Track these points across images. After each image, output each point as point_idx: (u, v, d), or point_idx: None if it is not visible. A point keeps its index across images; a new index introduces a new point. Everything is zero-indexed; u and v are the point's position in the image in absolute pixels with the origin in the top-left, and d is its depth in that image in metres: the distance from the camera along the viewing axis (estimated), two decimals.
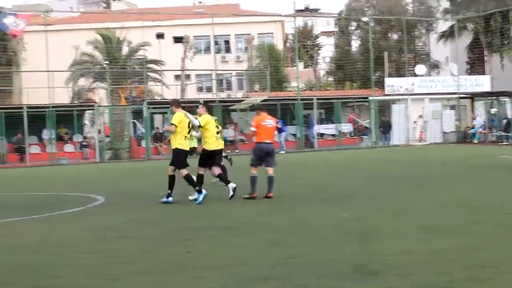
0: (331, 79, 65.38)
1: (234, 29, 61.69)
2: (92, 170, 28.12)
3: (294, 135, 40.56)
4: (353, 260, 7.17)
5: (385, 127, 41.11)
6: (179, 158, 13.59)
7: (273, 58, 54.92)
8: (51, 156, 35.80)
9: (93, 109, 39.74)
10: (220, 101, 40.39)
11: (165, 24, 56.73)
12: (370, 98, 41.62)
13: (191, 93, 53.45)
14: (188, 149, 13.81)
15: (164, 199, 13.50)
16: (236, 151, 37.24)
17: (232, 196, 13.46)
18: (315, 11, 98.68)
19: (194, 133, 14.48)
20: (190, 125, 13.78)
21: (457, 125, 41.80)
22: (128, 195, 15.62)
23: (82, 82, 51.39)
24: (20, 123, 35.78)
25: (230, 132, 39.62)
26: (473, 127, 39.85)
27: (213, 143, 13.94)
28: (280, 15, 64.14)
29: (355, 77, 53.96)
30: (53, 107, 37.10)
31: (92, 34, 51.99)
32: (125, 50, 53.11)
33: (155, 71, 51.20)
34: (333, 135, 41.21)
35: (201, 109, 14.43)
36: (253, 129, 13.74)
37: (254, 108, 14.30)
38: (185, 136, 13.68)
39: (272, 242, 8.47)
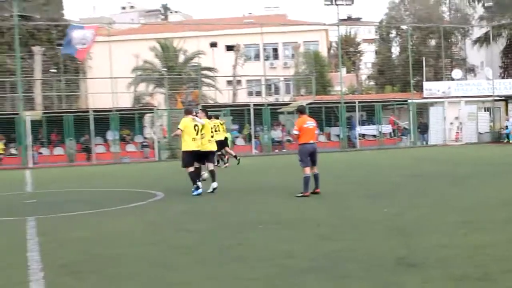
0: (372, 83, 64.86)
1: (282, 38, 61.63)
2: (152, 168, 28.41)
3: (338, 135, 40.36)
4: (394, 253, 7.10)
5: (423, 128, 40.69)
6: (185, 158, 14.59)
7: (318, 64, 54.72)
8: (115, 156, 36.35)
9: (152, 112, 40.18)
10: (268, 104, 40.41)
11: (218, 34, 56.97)
12: (409, 101, 41.20)
13: (242, 97, 53.60)
14: (194, 149, 14.56)
15: (195, 192, 14.33)
16: (284, 150, 37.21)
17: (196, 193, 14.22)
18: (357, 20, 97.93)
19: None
20: (197, 128, 14.65)
21: (491, 126, 41.06)
22: (185, 190, 15.69)
23: (143, 87, 52.03)
24: (86, 125, 36.42)
25: (277, 133, 39.64)
26: (506, 128, 39.07)
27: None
28: (324, 24, 63.81)
29: (395, 81, 53.41)
30: (116, 110, 37.66)
31: (151, 43, 52.58)
32: (181, 58, 53.59)
33: (209, 77, 51.53)
34: (374, 136, 40.88)
35: (200, 114, 15.51)
36: (296, 132, 13.68)
37: (297, 111, 14.22)
38: (193, 138, 14.56)
39: (319, 236, 8.44)
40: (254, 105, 39.77)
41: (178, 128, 14.65)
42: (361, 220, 9.74)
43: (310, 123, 13.72)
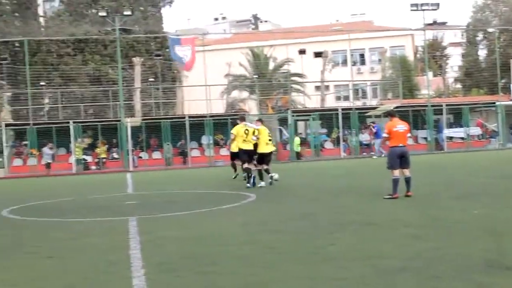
0: (459, 86, 62.94)
1: (368, 43, 60.87)
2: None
3: (425, 138, 39.40)
4: (485, 254, 6.80)
5: None
6: (241, 155, 17.74)
7: (405, 68, 53.64)
8: (209, 159, 36.89)
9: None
10: (356, 109, 39.95)
11: (306, 41, 56.88)
12: (497, 103, 39.68)
13: (330, 102, 53.24)
14: (247, 148, 17.53)
15: (261, 184, 17.13)
16: (372, 153, 36.65)
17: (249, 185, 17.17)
18: (442, 24, 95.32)
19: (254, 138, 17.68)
20: (247, 132, 17.55)
21: None
22: (280, 192, 15.71)
23: (235, 94, 52.59)
24: (182, 130, 37.16)
25: (365, 136, 39.11)
26: None
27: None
28: (410, 29, 62.52)
29: (482, 83, 51.62)
30: (210, 116, 38.24)
31: (243, 52, 53.09)
32: (271, 65, 53.82)
33: (298, 83, 51.48)
34: (462, 138, 39.62)
35: (256, 123, 18.08)
36: (385, 135, 13.41)
37: (387, 114, 13.99)
38: (244, 140, 17.60)
39: (410, 237, 8.21)
40: (342, 109, 39.40)
41: (231, 133, 18.27)
42: (451, 221, 9.42)
43: (401, 126, 13.39)
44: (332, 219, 10.35)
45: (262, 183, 17.31)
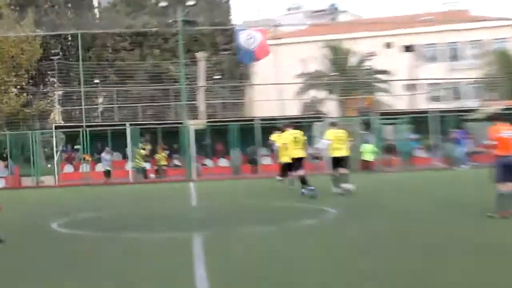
0: None
1: (465, 36, 59.44)
2: (322, 182, 28.32)
3: None
4: None
5: None
6: (296, 163, 19.46)
7: (508, 64, 52.09)
8: None
9: (322, 121, 40.20)
10: (452, 111, 39.05)
11: (392, 33, 56.12)
12: None
13: (421, 103, 52.24)
14: (299, 156, 19.43)
15: (305, 191, 18.73)
16: (474, 163, 35.63)
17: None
18: None
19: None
20: (296, 139, 19.57)
21: None
22: (365, 207, 15.41)
23: (311, 93, 52.38)
24: (252, 134, 37.20)
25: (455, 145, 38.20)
26: None
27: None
28: None
29: None
30: (283, 119, 38.07)
31: (320, 46, 52.81)
32: (352, 61, 53.34)
33: (383, 81, 50.79)
34: None
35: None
36: (492, 142, 12.77)
37: (491, 118, 13.40)
38: (295, 148, 19.41)
39: None
40: (436, 111, 38.58)
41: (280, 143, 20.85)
42: None
43: (508, 132, 12.76)
44: (428, 240, 10.00)
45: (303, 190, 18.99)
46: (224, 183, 31.72)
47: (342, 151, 19.52)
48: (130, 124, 38.12)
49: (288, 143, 19.94)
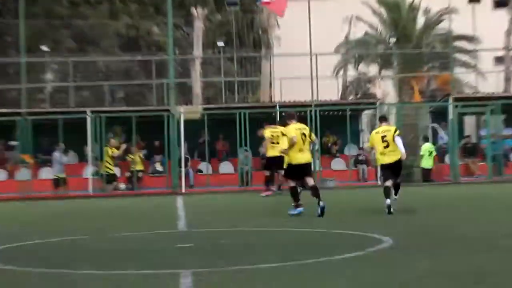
0: None
1: None
2: (372, 198, 28.28)
3: None
4: None
5: None
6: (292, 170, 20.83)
7: None
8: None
9: (373, 108, 40.13)
10: None
11: None
12: None
13: None
14: (308, 161, 20.91)
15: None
16: None
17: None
18: None
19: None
20: (304, 138, 20.61)
21: None
22: (428, 235, 15.34)
23: (358, 69, 52.28)
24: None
25: None
26: None
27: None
28: None
29: None
30: (316, 105, 38.05)
31: (371, 1, 52.70)
32: (420, 22, 53.18)
33: (466, 51, 50.62)
34: None
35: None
36: None
37: None
38: (300, 148, 20.45)
39: None
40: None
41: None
42: None
43: None
44: None
45: (294, 211, 20.62)
46: (227, 197, 31.78)
47: (390, 157, 20.70)
48: (93, 112, 38.18)
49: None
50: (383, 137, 20.69)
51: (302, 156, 20.46)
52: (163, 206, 28.10)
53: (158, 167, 38.54)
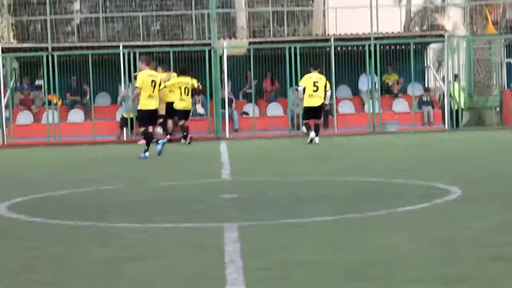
0: None
1: None
2: (440, 143, 28.30)
3: None
4: None
5: None
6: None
7: None
8: (372, 118, 36.67)
9: (441, 41, 39.84)
10: None
11: None
12: None
13: None
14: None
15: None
16: None
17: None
18: None
19: None
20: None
21: None
22: (501, 186, 15.30)
23: None
24: (322, 64, 37.11)
25: None
26: None
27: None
28: None
29: None
30: (375, 38, 37.88)
31: None
32: None
33: None
34: None
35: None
36: None
37: None
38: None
39: None
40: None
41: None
42: None
43: None
44: None
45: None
46: (275, 142, 31.82)
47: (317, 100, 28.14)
48: (125, 47, 38.27)
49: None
50: (315, 82, 27.39)
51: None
52: (205, 152, 28.23)
53: (199, 109, 38.57)
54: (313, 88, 29.03)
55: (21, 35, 48.31)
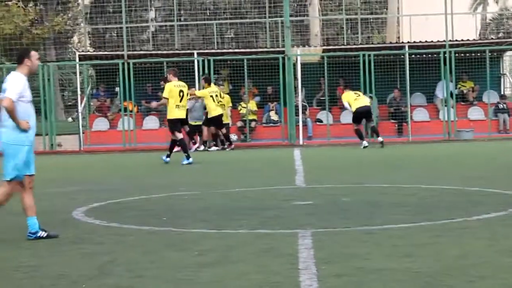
0: None
1: None
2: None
3: None
4: None
5: None
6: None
7: None
8: (446, 127, 36.47)
9: None
10: None
11: None
12: None
13: None
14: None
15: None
16: None
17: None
18: None
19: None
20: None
21: None
22: None
23: (499, 4, 51.44)
24: (397, 72, 37.01)
25: None
26: None
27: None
28: None
29: None
30: (450, 46, 37.63)
31: None
32: None
33: None
34: None
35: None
36: None
37: None
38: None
39: None
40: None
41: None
42: None
43: None
44: None
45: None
46: (349, 150, 31.78)
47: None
48: (200, 54, 38.40)
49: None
50: (355, 93, 28.80)
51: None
52: (279, 159, 28.24)
53: (273, 116, 38.61)
54: (354, 97, 32.04)
55: (97, 43, 48.84)
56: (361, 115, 31.80)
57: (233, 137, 37.30)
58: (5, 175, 11.47)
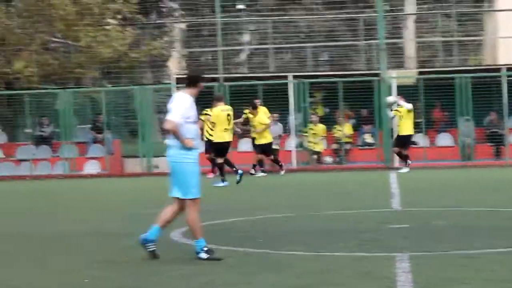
0: None
1: None
2: None
3: None
4: None
5: None
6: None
7: None
8: None
9: None
10: None
11: None
12: None
13: None
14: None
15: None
16: None
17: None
18: None
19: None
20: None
21: None
22: None
23: None
24: (494, 94, 36.65)
25: None
26: None
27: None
28: None
29: None
30: None
31: None
32: None
33: None
34: None
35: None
36: None
37: None
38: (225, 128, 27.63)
39: None
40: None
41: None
42: None
43: None
44: None
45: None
46: (446, 172, 31.55)
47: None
48: (295, 77, 38.47)
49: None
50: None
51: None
52: (374, 181, 28.16)
53: (368, 138, 38.50)
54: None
55: (192, 66, 49.17)
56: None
57: (328, 159, 37.31)
58: (191, 194, 11.96)
